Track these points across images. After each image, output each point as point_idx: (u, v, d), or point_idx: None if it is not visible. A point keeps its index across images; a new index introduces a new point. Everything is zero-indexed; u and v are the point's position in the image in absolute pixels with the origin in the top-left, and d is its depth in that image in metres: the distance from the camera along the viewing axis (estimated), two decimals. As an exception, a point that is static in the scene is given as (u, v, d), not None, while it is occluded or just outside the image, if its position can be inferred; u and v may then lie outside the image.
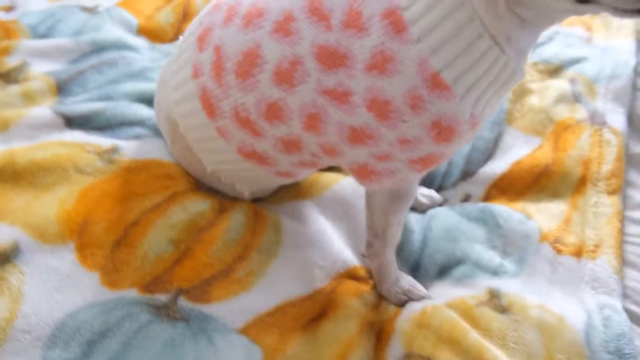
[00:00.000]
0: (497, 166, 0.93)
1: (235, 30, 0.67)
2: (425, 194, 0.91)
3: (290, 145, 0.68)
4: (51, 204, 0.78)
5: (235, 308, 0.71)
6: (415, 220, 0.87)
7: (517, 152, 0.95)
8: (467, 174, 0.94)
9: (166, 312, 0.70)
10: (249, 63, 0.65)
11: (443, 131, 0.59)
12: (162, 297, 0.71)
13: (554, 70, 1.09)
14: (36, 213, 0.77)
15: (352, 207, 0.86)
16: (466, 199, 0.92)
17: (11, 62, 1.03)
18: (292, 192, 0.88)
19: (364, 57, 0.58)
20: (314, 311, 0.73)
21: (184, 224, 0.78)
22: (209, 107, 0.71)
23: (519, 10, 0.55)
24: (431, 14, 0.56)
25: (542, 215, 0.85)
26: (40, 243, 0.74)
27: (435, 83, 0.56)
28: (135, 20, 1.19)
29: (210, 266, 0.75)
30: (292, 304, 0.73)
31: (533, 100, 1.02)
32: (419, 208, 0.90)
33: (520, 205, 0.87)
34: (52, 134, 0.89)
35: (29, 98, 0.97)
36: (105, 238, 0.75)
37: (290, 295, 0.74)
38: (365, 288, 0.78)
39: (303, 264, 0.77)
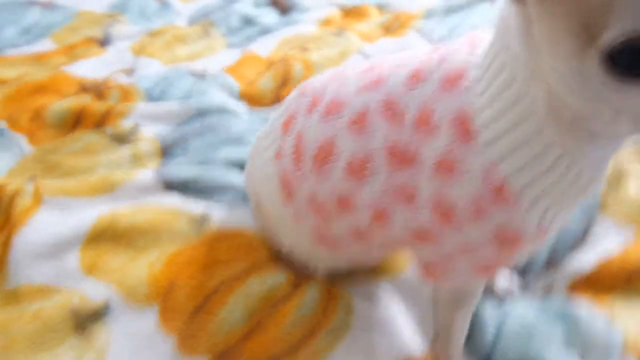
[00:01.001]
0: (585, 259, 0.89)
1: (316, 119, 0.70)
2: (505, 277, 0.89)
3: (358, 236, 0.70)
4: (142, 267, 0.85)
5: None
6: (490, 310, 0.85)
7: (608, 244, 0.90)
8: (551, 264, 0.90)
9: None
10: (326, 153, 0.68)
11: (506, 241, 0.58)
12: (230, 369, 0.75)
13: (658, 153, 1.03)
14: (129, 274, 0.84)
15: (427, 292, 0.86)
16: (548, 289, 0.88)
17: (126, 124, 1.14)
18: (368, 270, 0.90)
19: (431, 158, 0.59)
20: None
21: (260, 296, 0.82)
22: (287, 189, 0.75)
23: (586, 125, 0.53)
24: (501, 122, 0.55)
25: (631, 321, 0.80)
26: (129, 304, 0.81)
27: (500, 192, 0.56)
28: (237, 85, 1.28)
29: (281, 341, 0.77)
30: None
31: (630, 188, 0.97)
32: (496, 294, 0.88)
33: (607, 303, 0.83)
34: (153, 197, 0.97)
35: (137, 160, 1.06)
36: (186, 303, 0.81)
37: (353, 380, 0.75)
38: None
39: (370, 350, 0.77)
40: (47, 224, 0.90)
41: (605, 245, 0.90)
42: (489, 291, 0.87)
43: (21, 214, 0.90)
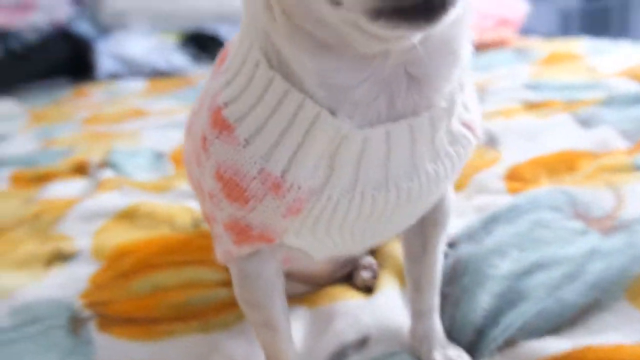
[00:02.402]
0: (555, 345, 0.58)
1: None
2: (451, 355, 0.65)
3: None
4: (123, 237, 0.93)
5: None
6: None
7: (610, 337, 0.58)
8: (508, 343, 0.62)
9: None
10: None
11: (227, 184, 0.48)
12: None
13: None
14: (111, 240, 0.93)
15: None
16: (490, 379, 0.60)
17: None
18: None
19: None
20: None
21: (182, 283, 0.80)
22: None
23: (298, 21, 0.43)
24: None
25: None
26: (92, 257, 0.90)
27: (218, 119, 0.48)
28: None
29: (146, 311, 0.74)
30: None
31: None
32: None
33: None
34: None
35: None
36: (121, 266, 0.85)
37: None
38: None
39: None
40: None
41: (603, 337, 0.58)
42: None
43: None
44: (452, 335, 0.69)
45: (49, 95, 2.29)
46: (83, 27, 2.70)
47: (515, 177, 0.97)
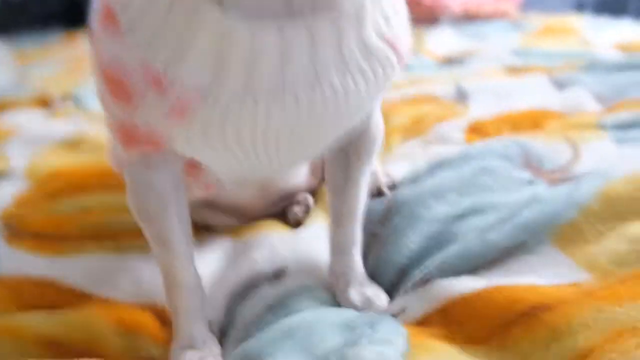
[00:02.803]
0: (468, 285, 0.54)
1: None
2: (368, 293, 0.61)
3: None
4: (61, 162, 0.90)
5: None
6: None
7: (528, 279, 0.53)
8: (423, 281, 0.58)
9: None
10: None
11: (111, 81, 0.44)
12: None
13: None
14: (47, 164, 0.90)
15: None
16: (396, 315, 0.56)
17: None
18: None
19: None
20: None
21: (106, 203, 0.77)
22: None
23: None
24: None
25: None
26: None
27: (105, 9, 0.43)
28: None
29: (60, 228, 0.71)
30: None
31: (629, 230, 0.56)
32: (347, 305, 0.61)
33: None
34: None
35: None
36: (49, 188, 0.82)
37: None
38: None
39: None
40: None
41: (520, 279, 0.54)
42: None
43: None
44: (376, 274, 0.64)
45: (40, 41, 2.25)
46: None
47: (477, 131, 0.92)
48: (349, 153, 0.58)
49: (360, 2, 0.43)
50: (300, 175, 0.75)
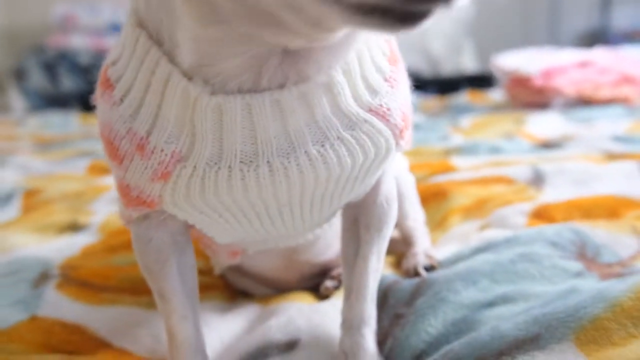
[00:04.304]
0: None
1: None
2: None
3: None
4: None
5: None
6: None
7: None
8: None
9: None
10: None
11: (107, 143, 0.48)
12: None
13: None
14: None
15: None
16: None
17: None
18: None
19: None
20: None
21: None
22: None
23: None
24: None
25: None
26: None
27: (104, 77, 0.48)
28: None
29: (107, 279, 0.75)
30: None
31: None
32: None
33: None
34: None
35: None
36: (114, 242, 0.88)
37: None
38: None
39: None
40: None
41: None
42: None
43: None
44: (391, 357, 0.61)
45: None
46: None
47: (542, 216, 0.85)
48: (358, 227, 0.58)
49: (330, 74, 0.43)
50: (333, 250, 0.74)
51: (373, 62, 0.47)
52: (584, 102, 1.99)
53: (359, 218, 0.57)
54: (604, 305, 0.51)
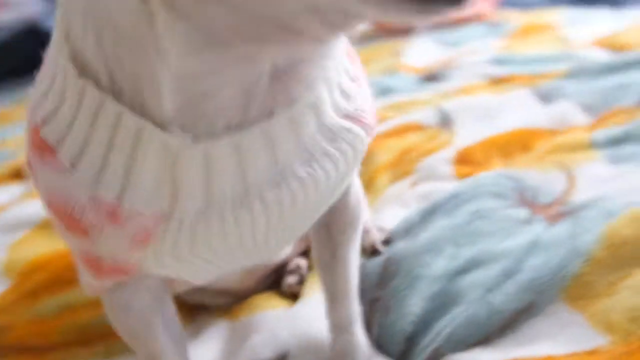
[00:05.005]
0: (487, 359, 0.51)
1: None
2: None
3: None
4: (41, 250, 0.86)
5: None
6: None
7: (543, 347, 0.50)
8: (435, 356, 0.55)
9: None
10: None
11: (60, 215, 0.40)
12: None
13: None
14: (26, 253, 0.86)
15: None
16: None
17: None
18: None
19: None
20: None
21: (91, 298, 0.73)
22: None
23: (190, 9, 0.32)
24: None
25: None
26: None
27: (37, 139, 0.40)
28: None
29: (46, 337, 0.67)
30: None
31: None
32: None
33: None
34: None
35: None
36: (31, 285, 0.77)
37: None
38: None
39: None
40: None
41: (535, 348, 0.50)
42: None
43: None
44: (382, 344, 0.61)
45: (15, 94, 2.19)
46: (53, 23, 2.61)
47: (466, 160, 0.89)
48: (331, 230, 0.55)
49: (318, 92, 0.40)
50: (286, 251, 0.71)
51: (342, 65, 0.44)
52: (445, 24, 2.07)
53: (332, 222, 0.55)
54: (581, 261, 0.55)
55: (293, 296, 0.71)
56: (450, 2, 0.26)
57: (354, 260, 0.57)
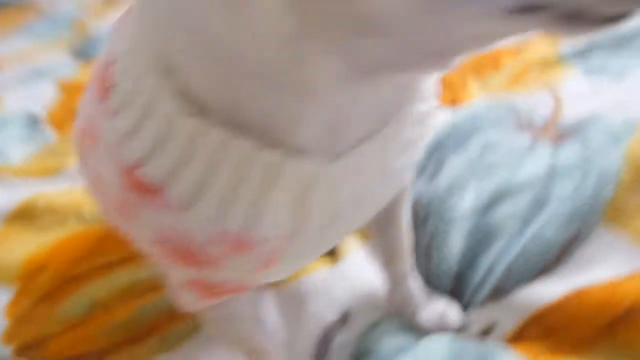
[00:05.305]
0: (550, 290, 0.57)
1: None
2: (438, 310, 0.62)
3: None
4: (30, 246, 0.79)
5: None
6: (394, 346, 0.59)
7: (600, 271, 0.57)
8: (499, 291, 0.60)
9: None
10: None
11: (175, 251, 0.38)
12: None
13: None
14: (12, 253, 0.79)
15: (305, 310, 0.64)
16: (488, 330, 0.58)
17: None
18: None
19: None
20: None
21: (120, 288, 0.70)
22: None
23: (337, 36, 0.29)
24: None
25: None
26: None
27: (134, 181, 0.36)
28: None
29: (92, 342, 0.64)
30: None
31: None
32: (422, 328, 0.61)
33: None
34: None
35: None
36: (40, 288, 0.72)
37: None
38: None
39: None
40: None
41: (594, 273, 0.57)
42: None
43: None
44: (431, 285, 0.65)
45: None
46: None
47: (444, 85, 0.91)
48: None
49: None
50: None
51: None
52: None
53: None
54: (612, 186, 0.61)
55: (328, 255, 0.72)
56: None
57: (407, 219, 0.59)
